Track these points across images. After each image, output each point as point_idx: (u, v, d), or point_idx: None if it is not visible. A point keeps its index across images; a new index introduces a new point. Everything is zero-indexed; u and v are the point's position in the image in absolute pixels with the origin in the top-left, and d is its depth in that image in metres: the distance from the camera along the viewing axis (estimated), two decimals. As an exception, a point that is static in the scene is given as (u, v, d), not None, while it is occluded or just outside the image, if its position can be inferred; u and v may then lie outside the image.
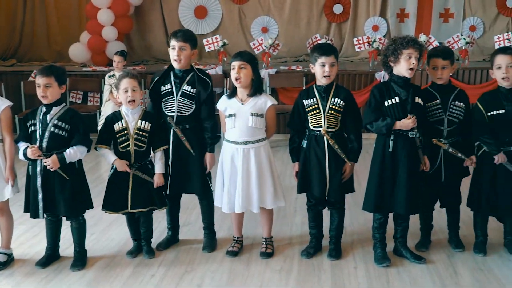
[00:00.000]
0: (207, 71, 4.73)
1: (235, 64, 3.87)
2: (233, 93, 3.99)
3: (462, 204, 4.16)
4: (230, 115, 3.94)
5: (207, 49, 8.66)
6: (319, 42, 8.35)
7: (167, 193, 4.12)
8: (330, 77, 3.83)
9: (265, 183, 3.94)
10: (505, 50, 3.93)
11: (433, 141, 3.90)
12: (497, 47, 8.01)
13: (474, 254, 4.06)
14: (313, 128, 3.89)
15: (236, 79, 3.87)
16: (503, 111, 3.88)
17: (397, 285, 3.65)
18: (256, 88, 3.92)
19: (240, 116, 3.90)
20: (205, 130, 4.08)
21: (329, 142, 3.84)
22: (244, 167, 3.90)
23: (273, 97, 4.28)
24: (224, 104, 4.01)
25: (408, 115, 3.69)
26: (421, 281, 3.70)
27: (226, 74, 8.03)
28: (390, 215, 3.97)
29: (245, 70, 3.86)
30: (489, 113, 3.91)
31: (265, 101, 3.92)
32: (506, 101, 3.89)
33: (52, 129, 3.77)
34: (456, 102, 3.98)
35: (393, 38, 3.85)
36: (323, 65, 3.81)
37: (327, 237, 4.16)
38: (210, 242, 4.27)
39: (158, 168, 4.02)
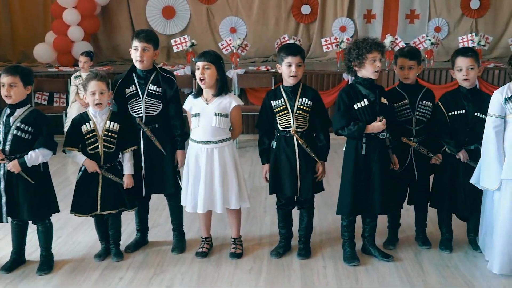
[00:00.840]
0: (175, 72, 4.71)
1: (200, 64, 3.87)
2: (198, 93, 3.98)
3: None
4: (195, 115, 3.94)
5: (175, 50, 8.61)
6: (287, 42, 8.38)
7: (143, 195, 4.09)
8: (296, 77, 3.85)
9: (229, 184, 3.94)
10: (465, 53, 3.99)
11: (403, 139, 3.96)
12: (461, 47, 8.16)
13: (440, 251, 4.13)
14: (282, 129, 3.90)
15: (201, 80, 3.87)
16: (463, 111, 3.96)
17: (365, 283, 3.69)
18: (220, 88, 3.91)
19: (204, 115, 3.90)
20: (174, 128, 4.07)
21: (299, 142, 3.86)
22: (208, 167, 3.89)
23: (242, 97, 4.29)
24: (189, 104, 4.01)
25: (378, 117, 3.75)
26: (389, 278, 3.75)
27: (195, 74, 7.98)
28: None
29: (210, 71, 3.85)
30: (450, 113, 3.99)
31: (230, 101, 3.92)
32: (466, 101, 3.97)
33: (14, 132, 3.69)
34: (424, 102, 4.04)
35: (354, 42, 3.85)
36: (290, 65, 3.83)
37: (296, 237, 4.18)
38: (179, 244, 4.24)
39: (127, 169, 3.99)
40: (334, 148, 4.05)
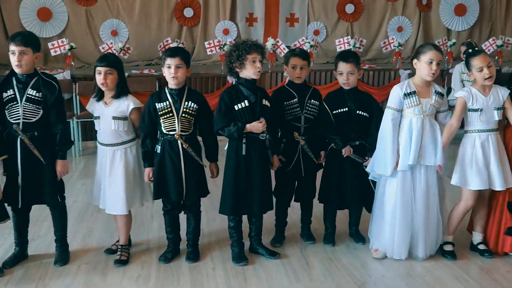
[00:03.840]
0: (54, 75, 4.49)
1: (101, 69, 3.81)
2: (99, 96, 3.93)
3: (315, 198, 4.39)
4: (96, 118, 3.94)
5: (52, 53, 8.23)
6: (171, 45, 8.33)
7: (19, 206, 3.86)
8: (177, 79, 3.83)
9: (133, 184, 3.97)
10: (346, 58, 4.16)
11: (295, 134, 4.09)
12: (338, 50, 8.58)
13: (324, 245, 4.31)
14: (166, 132, 3.87)
15: (102, 84, 3.82)
16: (346, 109, 4.15)
17: (254, 282, 3.75)
18: (120, 91, 3.90)
19: (104, 119, 3.90)
20: (54, 136, 3.88)
21: (184, 146, 3.85)
22: (111, 169, 3.92)
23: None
24: (91, 106, 4.01)
25: (260, 118, 3.83)
26: (276, 275, 3.84)
27: (75, 78, 7.72)
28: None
29: (112, 76, 3.83)
30: (334, 112, 4.17)
31: (128, 104, 3.90)
32: (348, 100, 4.17)
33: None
34: (312, 100, 4.19)
35: (234, 44, 3.94)
36: (169, 67, 3.82)
37: (184, 240, 4.16)
38: (63, 255, 4.06)
39: None
40: (220, 150, 4.08)
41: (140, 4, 10.03)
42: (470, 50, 4.79)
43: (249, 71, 3.84)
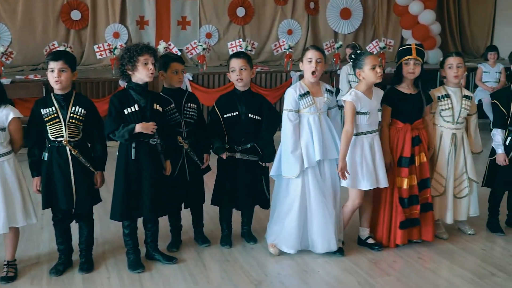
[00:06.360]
0: None
1: None
2: None
3: (208, 201, 4.40)
4: None
5: None
6: (57, 49, 8.00)
7: None
8: (60, 83, 3.69)
9: (13, 200, 3.71)
10: (238, 55, 4.27)
11: (179, 138, 4.07)
12: (230, 52, 8.65)
13: (221, 247, 4.33)
14: (53, 139, 3.72)
15: None
16: (236, 113, 4.20)
17: (150, 288, 3.70)
18: None
19: None
20: None
21: (72, 152, 3.72)
22: None
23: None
24: None
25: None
26: (173, 280, 3.81)
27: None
28: (140, 220, 4.01)
29: None
30: (225, 115, 4.20)
31: (7, 114, 3.69)
32: (240, 103, 4.21)
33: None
34: (189, 104, 4.20)
35: (126, 47, 3.91)
36: (53, 71, 3.69)
37: (77, 251, 4.02)
38: None
39: None
40: (114, 156, 3.98)
41: (23, 7, 9.50)
42: (359, 51, 5.04)
43: (141, 74, 3.79)
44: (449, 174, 4.43)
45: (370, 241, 4.32)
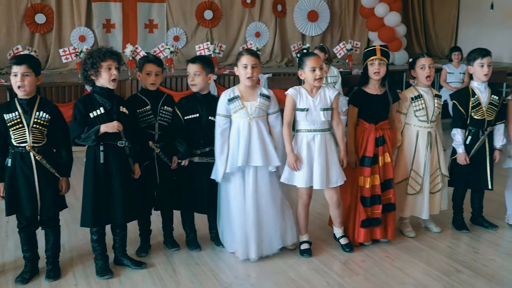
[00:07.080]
0: None
1: None
2: None
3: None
4: None
5: None
6: (22, 53, 7.87)
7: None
8: (24, 88, 3.64)
9: None
10: (194, 60, 4.23)
11: (150, 143, 4.04)
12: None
13: (189, 251, 4.31)
14: (17, 144, 3.66)
15: None
16: (197, 115, 4.20)
17: (119, 294, 3.66)
18: None
19: None
20: None
21: (37, 158, 3.66)
22: None
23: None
24: None
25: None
26: (143, 286, 3.78)
27: None
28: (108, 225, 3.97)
29: None
30: (186, 117, 4.19)
31: None
32: (200, 106, 4.22)
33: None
34: (165, 107, 4.18)
35: (89, 52, 3.88)
36: (16, 75, 3.64)
37: (43, 258, 3.95)
38: None
39: None
40: (81, 161, 3.93)
41: (-14, 10, 9.37)
42: (304, 50, 5.04)
43: (104, 79, 3.76)
44: (426, 172, 4.50)
45: (343, 241, 4.34)
